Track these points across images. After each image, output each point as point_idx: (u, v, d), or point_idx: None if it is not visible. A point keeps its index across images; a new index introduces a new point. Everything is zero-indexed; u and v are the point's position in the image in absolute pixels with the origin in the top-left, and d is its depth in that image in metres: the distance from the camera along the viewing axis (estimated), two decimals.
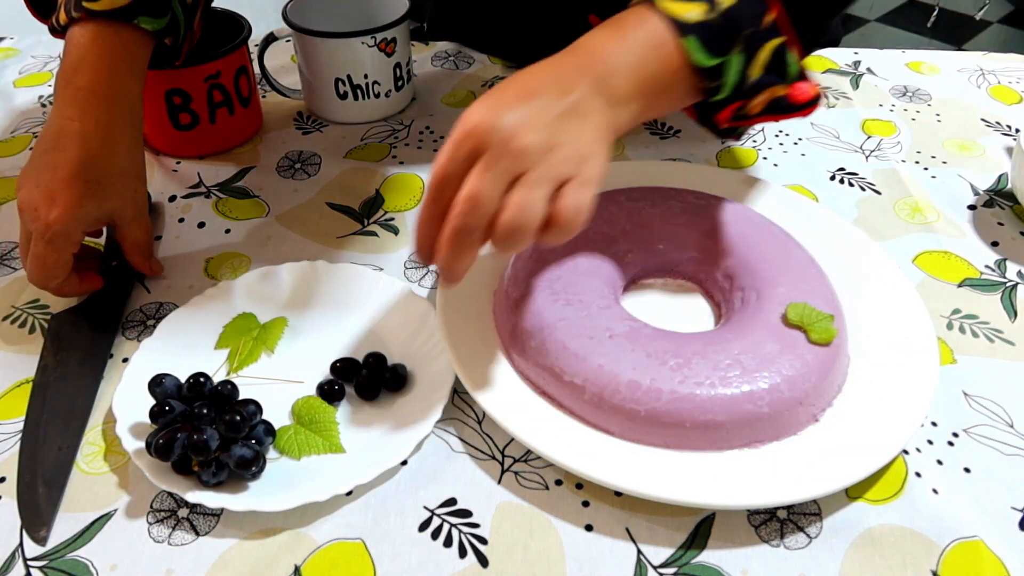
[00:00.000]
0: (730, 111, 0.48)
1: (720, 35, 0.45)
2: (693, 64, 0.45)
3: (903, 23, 2.65)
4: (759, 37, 0.46)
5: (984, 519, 0.43)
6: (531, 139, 0.40)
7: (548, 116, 0.41)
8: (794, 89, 0.47)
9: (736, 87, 0.46)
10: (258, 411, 0.45)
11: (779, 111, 0.48)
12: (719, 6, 0.45)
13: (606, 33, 0.45)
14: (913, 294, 0.52)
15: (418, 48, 0.87)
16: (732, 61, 0.45)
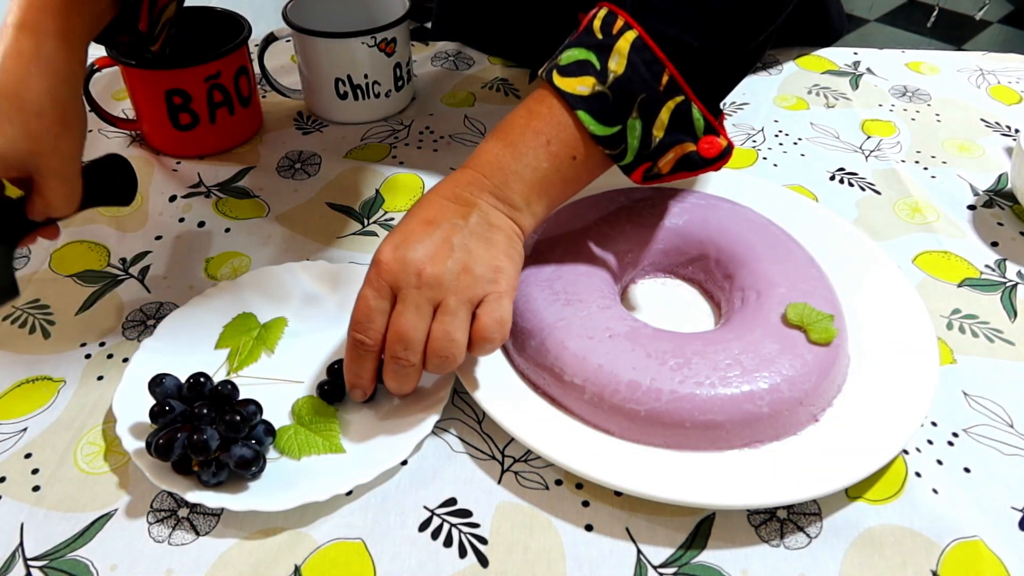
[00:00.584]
0: (640, 172, 0.49)
1: (612, 105, 0.46)
2: (591, 134, 0.47)
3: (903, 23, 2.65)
4: (656, 100, 0.46)
5: (984, 519, 0.43)
6: (441, 268, 0.43)
7: (454, 241, 0.44)
8: (703, 144, 0.48)
9: (639, 151, 0.48)
10: (258, 411, 0.45)
11: (690, 167, 0.49)
12: (609, 76, 0.46)
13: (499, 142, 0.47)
14: (913, 294, 0.52)
15: (418, 48, 0.88)
16: (631, 127, 0.47)
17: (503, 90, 0.80)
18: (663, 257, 0.55)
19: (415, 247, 0.44)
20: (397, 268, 0.43)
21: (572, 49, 0.48)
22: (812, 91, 0.80)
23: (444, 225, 0.45)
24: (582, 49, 0.47)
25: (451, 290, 0.43)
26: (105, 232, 0.62)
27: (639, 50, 0.46)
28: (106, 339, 0.53)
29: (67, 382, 0.50)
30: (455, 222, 0.45)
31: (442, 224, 0.45)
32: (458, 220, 0.45)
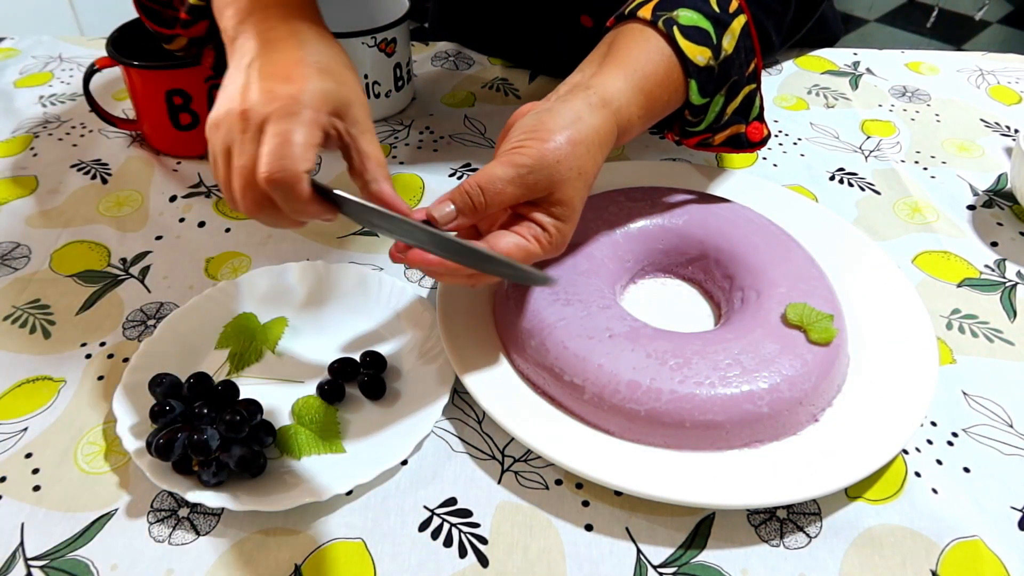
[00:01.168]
0: (698, 139, 0.53)
1: (715, 80, 0.50)
2: (689, 101, 0.50)
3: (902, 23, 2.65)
4: (740, 84, 0.51)
5: (983, 519, 0.43)
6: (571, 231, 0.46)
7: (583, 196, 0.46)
8: (752, 128, 0.53)
9: (712, 123, 0.52)
10: (258, 411, 0.45)
11: (737, 145, 0.54)
12: (721, 53, 0.49)
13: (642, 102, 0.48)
14: (913, 294, 0.52)
15: (418, 48, 0.88)
16: (716, 101, 0.51)
17: (503, 90, 0.80)
18: (663, 257, 0.55)
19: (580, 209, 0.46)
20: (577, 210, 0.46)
21: (689, 11, 0.49)
22: (812, 91, 0.80)
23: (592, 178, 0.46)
24: (701, 16, 0.49)
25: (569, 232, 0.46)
26: (105, 232, 0.62)
27: (745, 36, 0.50)
28: (106, 339, 0.53)
29: (67, 382, 0.50)
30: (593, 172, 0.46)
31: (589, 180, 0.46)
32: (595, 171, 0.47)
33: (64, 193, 0.66)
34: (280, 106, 0.40)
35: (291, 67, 0.42)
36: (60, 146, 0.72)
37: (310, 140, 0.40)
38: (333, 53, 0.45)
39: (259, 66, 0.43)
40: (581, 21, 0.72)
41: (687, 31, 0.48)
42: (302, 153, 0.40)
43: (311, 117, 0.41)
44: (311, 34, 0.45)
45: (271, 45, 0.44)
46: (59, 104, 0.77)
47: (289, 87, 0.41)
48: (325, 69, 0.43)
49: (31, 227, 0.62)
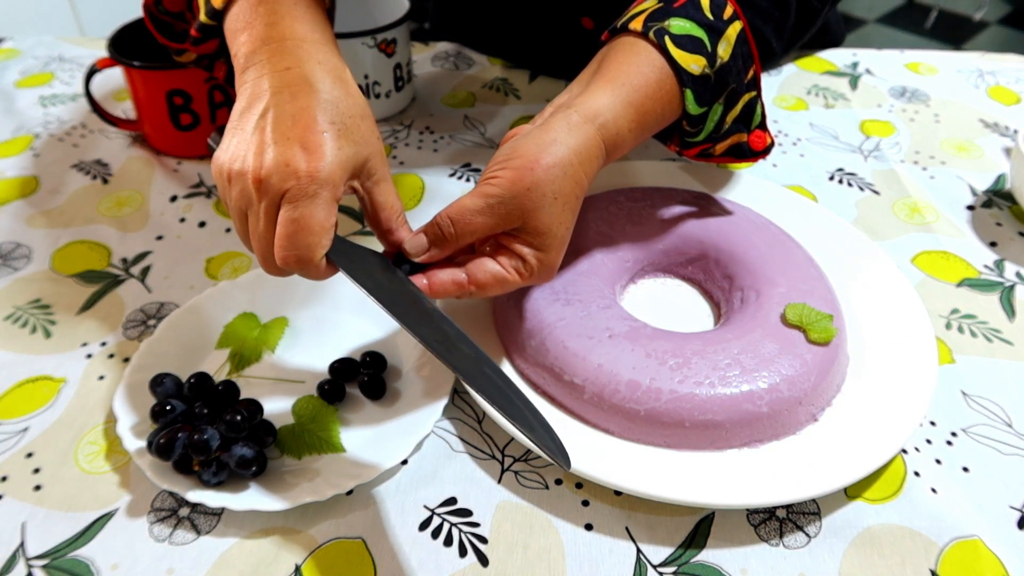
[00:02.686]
0: (698, 149, 0.52)
1: (712, 89, 0.49)
2: (686, 111, 0.49)
3: (902, 24, 2.65)
4: (739, 92, 0.50)
5: (983, 518, 0.43)
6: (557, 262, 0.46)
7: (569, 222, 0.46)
8: (754, 136, 0.52)
9: (711, 133, 0.51)
10: (258, 411, 0.45)
11: (739, 155, 0.53)
12: (717, 61, 0.48)
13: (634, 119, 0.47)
14: (912, 294, 0.52)
15: (418, 48, 0.88)
16: (714, 111, 0.50)
17: (503, 90, 0.80)
18: (663, 257, 0.56)
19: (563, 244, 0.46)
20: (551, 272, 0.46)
21: (681, 20, 0.48)
22: (811, 92, 0.80)
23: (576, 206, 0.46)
24: (694, 24, 0.48)
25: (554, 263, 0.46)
26: (106, 232, 0.62)
27: (742, 42, 0.49)
28: (107, 339, 0.53)
29: (68, 382, 0.50)
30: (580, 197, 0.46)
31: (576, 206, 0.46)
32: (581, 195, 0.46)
33: (65, 193, 0.66)
34: (296, 186, 0.39)
35: (308, 130, 0.40)
36: (61, 146, 0.72)
37: (326, 223, 0.40)
38: (350, 103, 0.43)
39: (273, 119, 0.41)
40: (582, 23, 0.72)
41: (679, 40, 0.48)
42: (318, 241, 0.40)
43: (329, 196, 0.40)
44: (328, 78, 0.43)
45: (286, 91, 0.42)
46: (60, 104, 0.78)
47: (306, 161, 0.39)
48: (342, 127, 0.42)
49: (32, 227, 0.62)
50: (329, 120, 0.41)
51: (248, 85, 0.43)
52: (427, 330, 0.40)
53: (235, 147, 0.41)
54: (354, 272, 0.42)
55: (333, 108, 0.42)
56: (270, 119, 0.41)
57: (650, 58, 0.48)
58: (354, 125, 0.42)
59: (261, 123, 0.41)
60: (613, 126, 0.46)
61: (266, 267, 0.42)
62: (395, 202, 0.45)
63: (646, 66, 0.48)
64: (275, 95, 0.41)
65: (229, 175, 0.41)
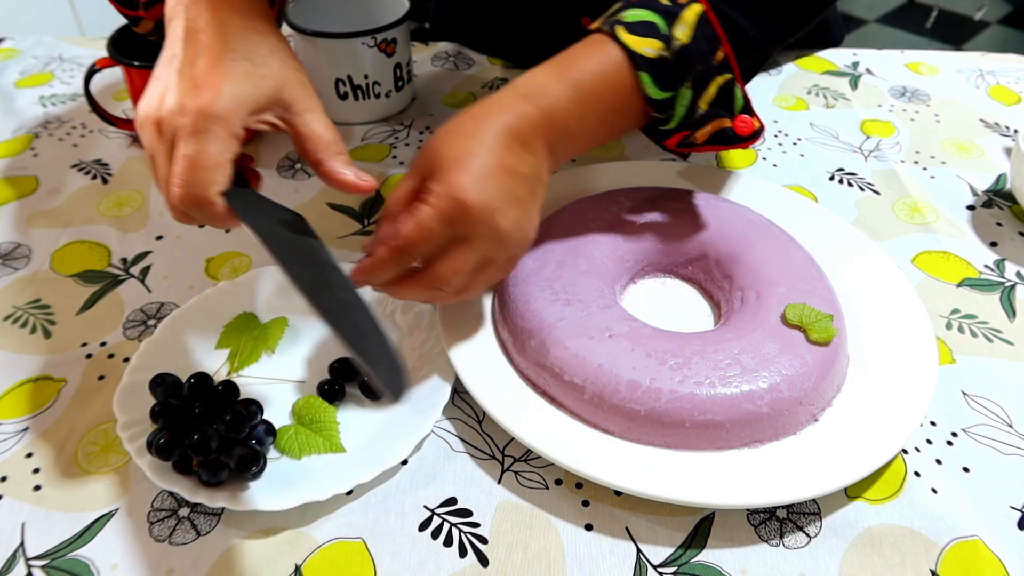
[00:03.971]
0: (678, 138, 0.51)
1: (672, 72, 0.48)
2: (646, 96, 0.48)
3: (902, 24, 2.65)
4: (708, 74, 0.49)
5: (983, 518, 0.43)
6: (509, 226, 0.43)
7: (521, 196, 0.44)
8: (738, 121, 0.51)
9: (684, 118, 0.50)
10: (258, 411, 0.45)
11: (724, 142, 0.51)
12: (674, 44, 0.48)
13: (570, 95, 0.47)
14: (912, 294, 0.52)
15: (418, 48, 0.88)
16: (682, 95, 0.49)
17: None
18: (663, 257, 0.56)
19: (498, 198, 0.42)
20: (479, 215, 0.42)
21: (636, 9, 0.49)
22: (811, 91, 0.80)
23: (519, 178, 0.44)
24: (648, 11, 0.48)
25: (508, 249, 0.44)
26: (106, 232, 0.62)
27: (703, 24, 0.48)
28: (107, 339, 0.53)
29: (68, 382, 0.50)
30: (526, 174, 0.45)
31: (517, 176, 0.44)
32: (527, 172, 0.45)
33: (64, 193, 0.66)
34: (188, 123, 0.40)
35: (206, 72, 0.41)
36: (60, 146, 0.72)
37: (218, 158, 0.40)
38: (257, 39, 0.43)
39: (178, 66, 0.42)
40: (581, 23, 0.72)
41: (632, 27, 0.48)
42: (210, 176, 0.40)
43: (222, 132, 0.40)
44: (236, 18, 0.43)
45: (193, 38, 0.42)
46: (59, 104, 0.78)
47: (199, 99, 0.40)
48: (246, 64, 0.42)
49: (32, 227, 0.62)
50: (231, 58, 0.42)
51: (168, 36, 0.44)
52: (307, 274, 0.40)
53: (148, 97, 0.42)
54: (250, 217, 0.41)
55: (239, 45, 0.42)
56: (175, 65, 0.42)
57: (599, 45, 0.48)
58: (261, 60, 0.43)
59: (168, 70, 0.42)
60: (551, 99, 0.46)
61: (173, 213, 0.42)
62: (323, 132, 0.44)
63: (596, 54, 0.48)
64: (184, 41, 0.42)
65: (140, 124, 0.42)
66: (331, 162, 0.44)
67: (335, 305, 0.39)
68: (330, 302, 0.39)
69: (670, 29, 0.47)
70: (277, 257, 0.39)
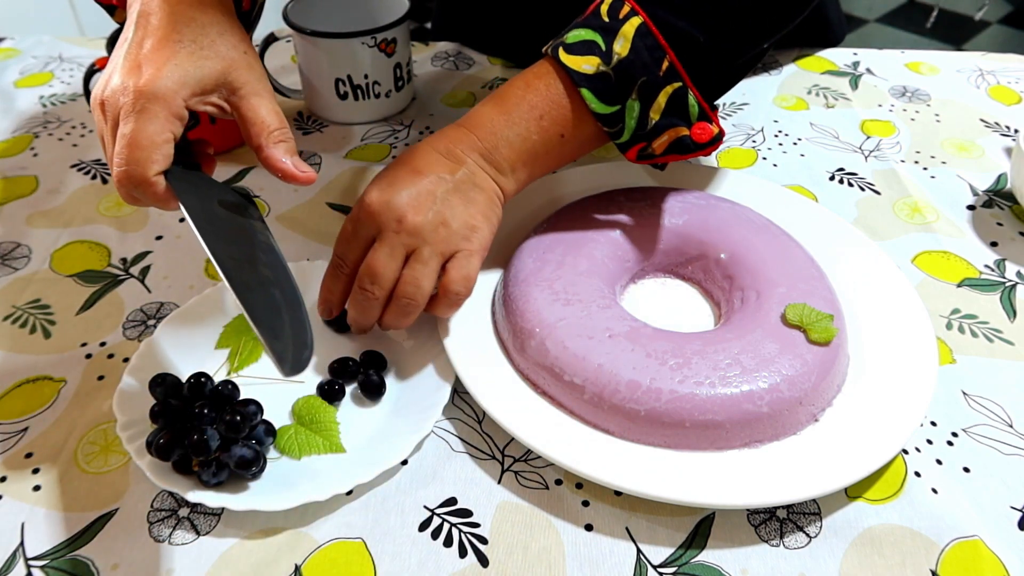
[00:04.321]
0: (635, 150, 0.51)
1: (614, 85, 0.48)
2: (593, 112, 0.49)
3: (902, 24, 2.65)
4: (655, 84, 0.48)
5: (983, 518, 0.43)
6: (421, 218, 0.45)
7: (437, 193, 0.46)
8: (696, 129, 0.50)
9: (636, 130, 0.50)
10: (258, 411, 0.45)
11: (683, 150, 0.51)
12: (613, 58, 0.48)
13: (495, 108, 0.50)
14: (912, 294, 0.52)
15: (418, 48, 0.88)
16: (630, 107, 0.49)
17: None
18: (663, 257, 0.55)
19: (400, 193, 0.46)
20: (380, 209, 0.45)
21: (578, 29, 0.50)
22: (812, 91, 0.80)
23: (431, 177, 0.47)
24: (588, 30, 0.49)
25: (427, 240, 0.46)
26: (106, 232, 0.62)
27: (643, 35, 0.48)
28: (106, 339, 0.53)
29: (68, 382, 0.50)
30: (442, 176, 0.47)
31: (429, 175, 0.47)
32: (445, 174, 0.47)
33: (64, 193, 0.66)
34: (128, 101, 0.40)
35: (150, 53, 0.41)
36: (60, 146, 0.72)
37: (157, 138, 0.40)
38: (206, 20, 0.43)
39: (126, 50, 0.42)
40: None
41: (571, 47, 0.49)
42: (147, 155, 0.40)
43: (161, 111, 0.40)
44: (187, 7, 0.43)
45: (144, 21, 0.43)
46: (59, 104, 0.78)
47: (140, 78, 0.40)
48: (193, 45, 0.42)
49: (31, 227, 0.62)
50: (176, 39, 0.42)
51: (127, 22, 0.44)
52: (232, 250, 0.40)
53: (101, 80, 0.43)
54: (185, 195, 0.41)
55: (184, 27, 0.42)
56: (125, 47, 0.43)
57: (542, 69, 0.50)
58: (208, 43, 0.43)
59: (118, 53, 0.43)
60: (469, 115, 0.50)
61: (120, 193, 0.42)
62: (267, 118, 0.44)
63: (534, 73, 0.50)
64: (135, 24, 0.43)
65: (93, 107, 0.43)
66: (271, 148, 0.44)
67: (252, 280, 0.40)
68: (247, 277, 0.39)
69: (609, 45, 0.48)
70: (201, 233, 0.39)
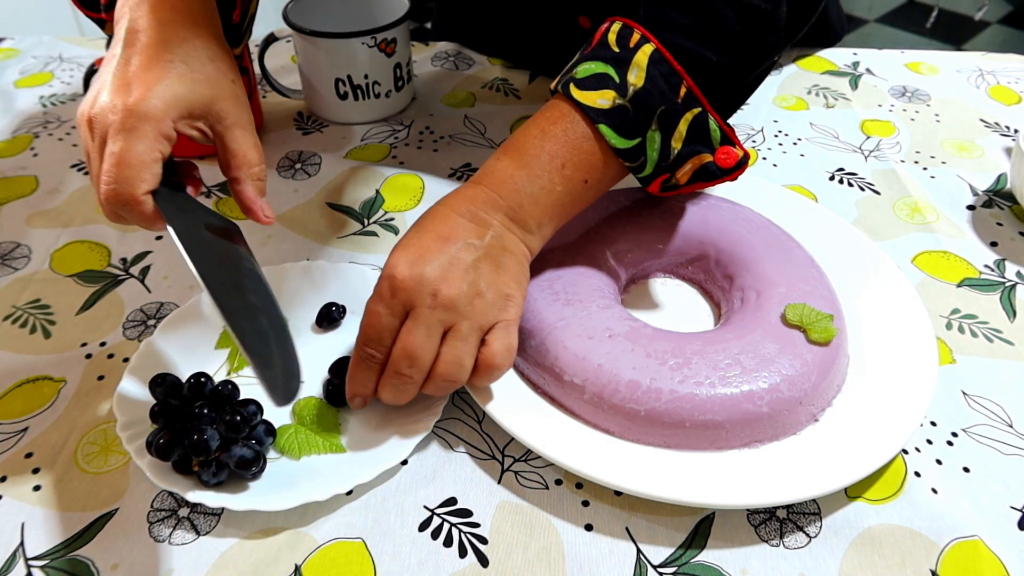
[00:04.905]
0: (658, 183, 0.49)
1: (633, 118, 0.46)
2: (612, 147, 0.47)
3: (902, 24, 2.65)
4: (675, 112, 0.47)
5: (983, 518, 0.43)
6: (456, 290, 0.42)
7: (467, 262, 0.43)
8: (720, 154, 0.49)
9: (659, 162, 0.48)
10: (258, 411, 0.45)
11: (707, 177, 0.49)
12: (629, 89, 0.46)
13: (513, 162, 0.47)
14: (912, 294, 0.52)
15: (418, 48, 0.88)
16: (651, 139, 0.47)
17: (503, 90, 0.80)
18: (663, 257, 0.55)
19: (431, 264, 0.43)
20: (412, 286, 0.42)
21: (588, 63, 0.48)
22: (812, 91, 0.80)
23: (459, 244, 0.44)
24: (599, 63, 0.47)
25: (464, 314, 0.43)
26: (106, 232, 0.62)
27: (657, 63, 0.46)
28: (106, 339, 0.53)
29: (67, 382, 0.50)
30: (471, 242, 0.44)
31: (457, 243, 0.44)
32: (474, 240, 0.44)
33: (64, 193, 0.66)
34: (118, 120, 0.40)
35: (140, 71, 0.41)
36: (60, 146, 0.72)
37: (146, 157, 0.40)
38: (197, 44, 0.43)
39: (115, 67, 0.42)
40: (579, 22, 0.72)
41: (582, 83, 0.47)
42: (136, 174, 0.40)
43: (150, 131, 0.40)
44: (177, 21, 0.43)
45: (133, 38, 0.43)
46: (59, 104, 0.78)
47: (129, 97, 0.40)
48: (183, 68, 0.42)
49: (31, 227, 0.62)
50: (167, 59, 0.42)
51: (115, 37, 0.44)
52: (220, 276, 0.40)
53: (89, 96, 0.42)
54: (173, 217, 0.41)
55: (177, 48, 0.42)
56: (113, 65, 0.42)
57: (556, 109, 0.48)
58: (199, 67, 0.43)
59: (107, 69, 0.42)
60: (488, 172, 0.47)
61: (104, 211, 0.42)
62: (246, 152, 0.44)
63: (548, 116, 0.48)
64: (124, 41, 0.42)
65: (78, 123, 0.42)
66: (247, 184, 0.45)
67: (241, 307, 0.39)
68: (236, 304, 0.39)
69: (623, 77, 0.46)
70: (191, 257, 0.39)
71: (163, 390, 0.45)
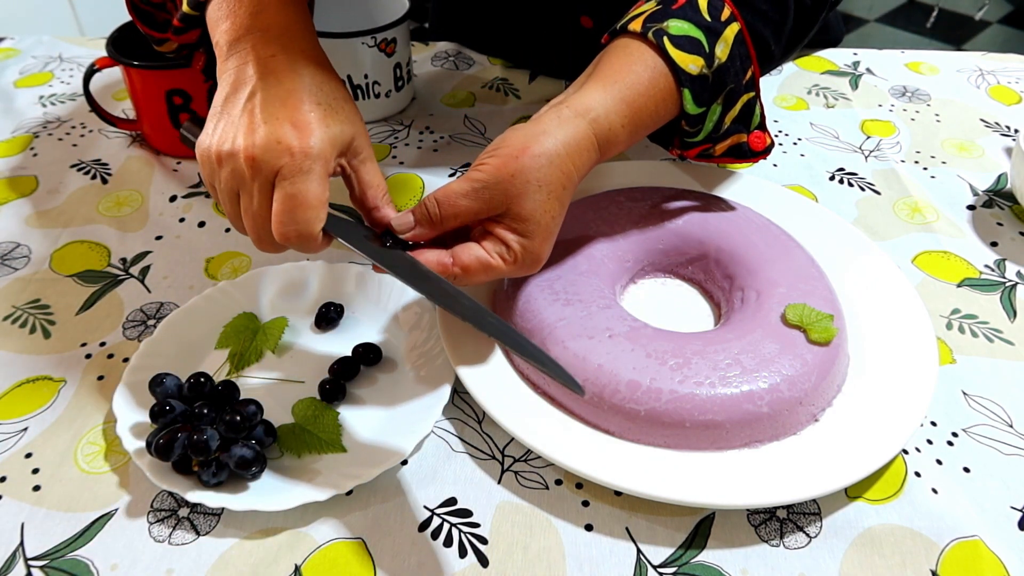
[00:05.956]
0: (699, 150, 0.53)
1: (710, 89, 0.49)
2: (684, 111, 0.49)
3: (902, 23, 2.65)
4: (738, 92, 0.50)
5: (983, 519, 0.43)
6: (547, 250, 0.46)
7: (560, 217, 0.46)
8: (753, 137, 0.52)
9: (711, 132, 0.51)
10: (258, 411, 0.45)
11: (739, 155, 0.53)
12: (715, 62, 0.49)
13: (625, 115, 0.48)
14: (912, 294, 0.52)
15: (418, 48, 0.88)
16: (713, 111, 0.50)
17: (503, 90, 0.80)
18: (663, 257, 0.55)
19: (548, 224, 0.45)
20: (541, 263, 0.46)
21: (679, 21, 0.49)
22: (812, 91, 0.80)
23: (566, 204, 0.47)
24: (692, 25, 0.49)
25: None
26: (105, 232, 0.62)
27: (739, 43, 0.49)
28: (106, 339, 0.53)
29: (67, 382, 0.50)
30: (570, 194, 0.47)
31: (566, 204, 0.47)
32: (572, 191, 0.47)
33: (64, 193, 0.66)
34: (290, 163, 0.41)
35: (296, 110, 0.42)
36: (60, 146, 0.72)
37: (322, 197, 0.42)
38: (332, 86, 0.45)
39: (261, 101, 0.42)
40: (581, 22, 0.72)
41: (678, 41, 0.48)
42: (316, 215, 0.42)
43: (321, 171, 0.42)
44: (311, 64, 0.45)
45: (271, 76, 0.43)
46: (59, 104, 0.78)
47: (298, 139, 0.41)
48: (328, 108, 0.44)
49: (31, 227, 0.62)
50: (315, 101, 0.43)
51: (231, 72, 0.44)
52: (429, 287, 0.43)
53: (222, 129, 0.43)
54: (352, 240, 0.44)
55: (318, 90, 0.44)
56: (258, 101, 0.42)
57: (646, 58, 0.49)
58: (338, 106, 0.44)
59: (249, 105, 0.42)
60: (605, 121, 0.47)
61: (260, 245, 0.44)
62: (380, 181, 0.47)
63: (640, 65, 0.48)
64: (261, 80, 0.43)
65: (218, 156, 0.42)
66: (385, 209, 0.47)
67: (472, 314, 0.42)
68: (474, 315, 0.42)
69: (712, 47, 0.48)
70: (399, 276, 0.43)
71: (163, 390, 0.46)
